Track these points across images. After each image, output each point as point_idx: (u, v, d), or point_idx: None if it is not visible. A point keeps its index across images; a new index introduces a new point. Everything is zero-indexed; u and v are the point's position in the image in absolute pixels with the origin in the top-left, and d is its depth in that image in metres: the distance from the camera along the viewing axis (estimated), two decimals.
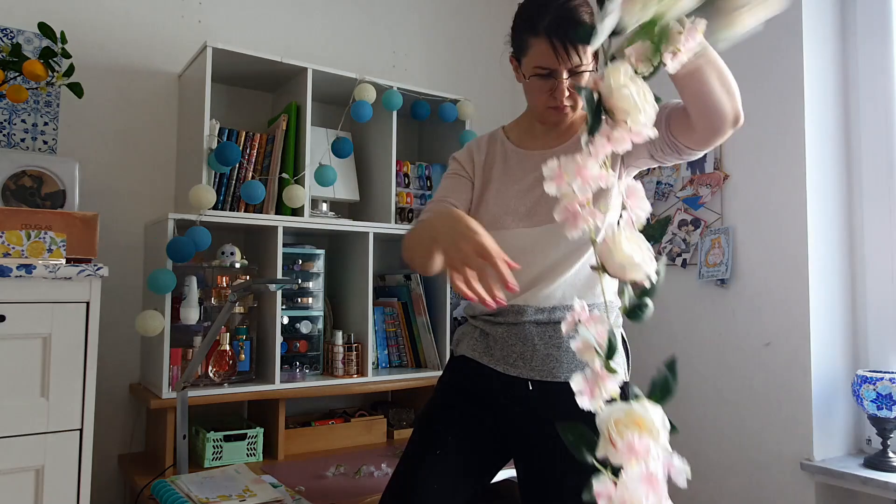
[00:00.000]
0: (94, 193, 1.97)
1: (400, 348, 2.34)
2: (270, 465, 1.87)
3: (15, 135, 1.87)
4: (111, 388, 1.97)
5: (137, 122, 2.08)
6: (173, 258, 1.74)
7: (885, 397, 1.72)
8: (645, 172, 2.32)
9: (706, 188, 2.12)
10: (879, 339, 1.92)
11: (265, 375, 1.97)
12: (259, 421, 2.04)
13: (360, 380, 2.08)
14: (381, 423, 2.20)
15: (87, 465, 1.39)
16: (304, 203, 1.99)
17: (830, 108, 1.97)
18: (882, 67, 1.94)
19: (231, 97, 2.23)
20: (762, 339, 1.96)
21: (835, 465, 1.79)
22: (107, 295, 1.92)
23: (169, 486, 1.52)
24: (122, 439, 1.99)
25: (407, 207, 2.34)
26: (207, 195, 1.77)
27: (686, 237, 2.17)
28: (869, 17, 1.97)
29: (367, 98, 2.10)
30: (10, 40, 1.87)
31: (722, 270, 2.04)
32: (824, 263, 1.90)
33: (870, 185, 1.95)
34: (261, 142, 2.02)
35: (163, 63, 2.12)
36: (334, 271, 2.31)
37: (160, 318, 1.73)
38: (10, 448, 1.32)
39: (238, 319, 2.00)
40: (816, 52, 1.94)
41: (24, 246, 1.36)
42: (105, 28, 2.03)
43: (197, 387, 1.83)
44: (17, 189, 1.63)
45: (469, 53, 2.87)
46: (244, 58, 1.97)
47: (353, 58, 2.52)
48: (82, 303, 1.41)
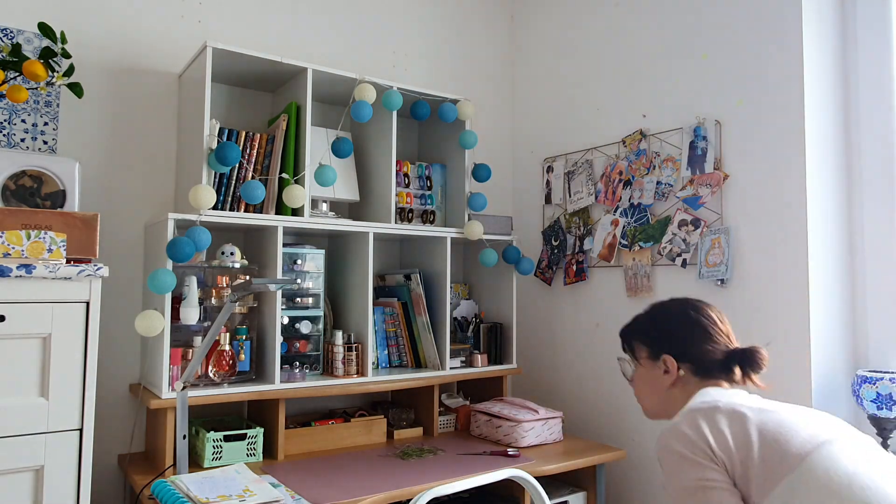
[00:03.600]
0: (94, 193, 1.97)
1: (400, 348, 2.34)
2: (270, 465, 1.87)
3: (15, 135, 1.87)
4: (111, 388, 1.97)
5: (137, 122, 2.08)
6: (173, 258, 1.74)
7: (885, 397, 1.72)
8: (645, 172, 2.32)
9: (706, 188, 2.12)
10: (879, 339, 1.92)
11: (265, 375, 1.97)
12: (259, 421, 2.04)
13: (360, 380, 2.08)
14: (381, 423, 2.20)
15: (87, 465, 1.39)
16: (304, 203, 1.99)
17: (830, 108, 1.97)
18: (882, 67, 1.94)
19: (231, 97, 2.24)
20: (762, 339, 1.96)
21: None
22: (107, 295, 1.93)
23: (169, 486, 1.52)
24: (122, 439, 1.99)
25: (407, 207, 2.34)
26: (207, 195, 1.77)
27: (686, 237, 2.17)
28: (869, 17, 1.97)
29: (367, 98, 2.10)
30: (10, 40, 1.87)
31: (722, 270, 2.04)
32: (824, 263, 1.90)
33: (870, 184, 1.95)
34: (261, 142, 2.02)
35: (163, 63, 2.12)
36: (334, 271, 2.31)
37: (160, 318, 1.73)
38: (10, 448, 1.32)
39: (238, 319, 2.00)
40: (816, 52, 1.94)
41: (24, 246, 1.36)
42: (105, 28, 2.03)
43: (197, 387, 1.83)
44: (17, 189, 1.63)
45: (469, 53, 2.88)
46: (244, 58, 1.97)
47: (353, 58, 2.52)
48: (82, 303, 1.41)
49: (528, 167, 2.87)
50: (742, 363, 1.27)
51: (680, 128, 2.22)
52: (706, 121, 2.14)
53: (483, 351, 2.44)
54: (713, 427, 1.12)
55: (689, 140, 2.18)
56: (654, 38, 2.35)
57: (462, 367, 2.34)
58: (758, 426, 1.10)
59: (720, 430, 1.11)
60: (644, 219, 2.31)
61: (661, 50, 2.32)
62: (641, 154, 2.35)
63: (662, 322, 1.36)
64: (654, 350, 1.34)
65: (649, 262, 2.29)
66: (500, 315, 2.50)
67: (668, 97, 2.28)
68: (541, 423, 2.18)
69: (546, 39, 2.85)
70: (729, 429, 1.11)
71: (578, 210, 2.58)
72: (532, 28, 2.93)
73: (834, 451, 1.06)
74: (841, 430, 1.12)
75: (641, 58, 2.39)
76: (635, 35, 2.42)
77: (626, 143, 2.42)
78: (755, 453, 1.07)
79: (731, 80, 2.08)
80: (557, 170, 2.69)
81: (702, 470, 1.09)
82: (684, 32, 2.24)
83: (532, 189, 2.84)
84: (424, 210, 2.39)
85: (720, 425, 1.12)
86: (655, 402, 1.35)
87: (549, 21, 2.83)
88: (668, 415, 1.33)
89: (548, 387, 2.70)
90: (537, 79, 2.88)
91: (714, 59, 2.13)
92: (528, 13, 2.96)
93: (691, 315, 1.33)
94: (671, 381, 1.31)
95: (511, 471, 1.83)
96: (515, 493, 1.91)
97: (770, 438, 1.08)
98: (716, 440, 1.10)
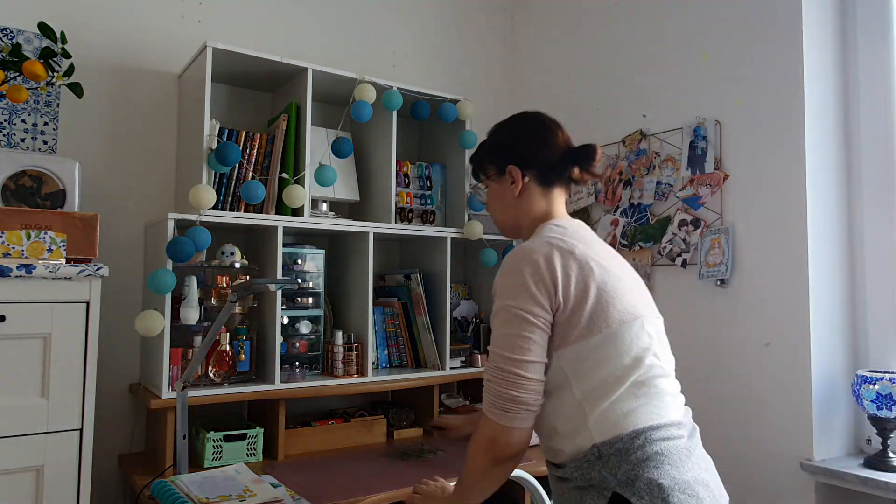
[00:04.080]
0: (94, 193, 1.97)
1: (400, 348, 2.34)
2: (270, 465, 1.87)
3: (15, 135, 1.87)
4: (111, 388, 1.97)
5: (137, 122, 2.08)
6: (173, 258, 1.74)
7: (885, 397, 1.72)
8: (644, 172, 2.32)
9: (706, 188, 2.12)
10: (879, 339, 1.92)
11: (265, 375, 1.97)
12: (259, 421, 2.04)
13: (360, 380, 2.08)
14: (381, 423, 2.20)
15: (87, 465, 1.39)
16: (304, 203, 1.99)
17: (830, 108, 1.97)
18: (882, 67, 1.94)
19: (231, 97, 2.24)
20: (762, 338, 1.96)
21: (835, 465, 1.79)
22: (107, 295, 1.92)
23: (169, 486, 1.52)
24: (122, 439, 2.00)
25: (407, 207, 2.34)
26: (207, 195, 1.77)
27: (686, 237, 2.17)
28: (869, 17, 1.97)
29: (367, 98, 2.10)
30: (10, 40, 1.87)
31: (722, 270, 2.04)
32: (824, 263, 1.90)
33: (870, 184, 1.95)
34: (261, 142, 2.02)
35: (163, 63, 2.12)
36: (334, 271, 2.31)
37: (160, 318, 1.73)
38: (10, 448, 1.32)
39: (238, 319, 2.00)
40: (816, 52, 1.94)
41: (24, 246, 1.36)
42: (105, 28, 2.03)
43: (197, 387, 1.83)
44: (17, 189, 1.63)
45: (469, 53, 2.88)
46: (244, 58, 1.97)
47: (353, 58, 2.52)
48: (82, 303, 1.41)
49: None
50: (577, 160, 1.36)
51: (680, 128, 2.22)
52: (706, 121, 2.14)
53: (483, 351, 2.44)
54: (565, 268, 1.19)
55: (689, 140, 2.18)
56: (654, 38, 2.35)
57: (462, 367, 2.34)
58: (598, 283, 1.19)
59: (568, 274, 1.18)
60: (644, 219, 2.31)
61: (661, 50, 2.32)
62: (641, 154, 2.35)
63: (504, 136, 1.42)
64: (499, 164, 1.39)
65: (649, 262, 2.29)
66: None
67: (668, 97, 2.28)
68: None
69: (546, 39, 2.85)
70: (576, 276, 1.18)
71: (578, 210, 2.58)
72: (532, 28, 2.93)
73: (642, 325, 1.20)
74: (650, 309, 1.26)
75: (641, 58, 2.39)
76: (635, 35, 2.42)
77: (625, 143, 2.42)
78: (587, 307, 1.17)
79: (731, 80, 2.08)
80: None
81: (533, 304, 1.16)
82: (684, 32, 2.24)
83: None
84: (424, 210, 2.39)
85: (569, 270, 1.19)
86: (507, 215, 1.41)
87: (549, 21, 2.83)
88: (518, 228, 1.41)
89: None
90: (537, 79, 2.88)
91: (714, 59, 2.13)
92: (528, 13, 2.96)
93: (530, 124, 1.40)
94: (518, 190, 1.36)
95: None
96: (515, 493, 1.91)
97: (603, 298, 1.18)
98: (562, 282, 1.17)
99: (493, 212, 1.46)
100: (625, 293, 1.21)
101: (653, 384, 1.17)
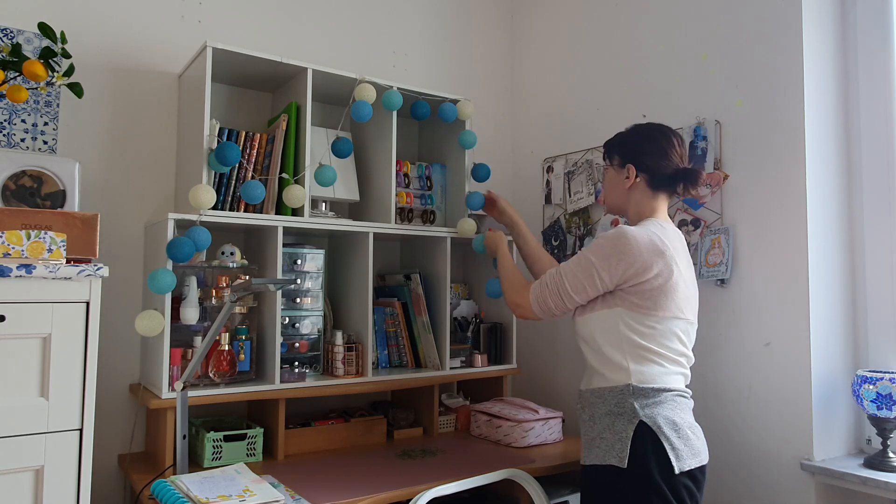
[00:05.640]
0: (94, 193, 1.97)
1: (400, 348, 2.34)
2: (270, 465, 1.87)
3: (15, 135, 1.87)
4: (111, 388, 1.97)
5: (137, 122, 2.08)
6: (173, 258, 1.74)
7: (885, 397, 1.72)
8: None
9: (706, 188, 2.12)
10: (879, 339, 1.92)
11: (265, 375, 1.97)
12: (259, 421, 2.04)
13: (360, 380, 2.08)
14: (381, 423, 2.20)
15: (87, 465, 1.39)
16: (304, 203, 1.99)
17: (830, 108, 1.97)
18: (882, 67, 1.94)
19: (231, 97, 2.24)
20: (762, 339, 1.96)
21: (835, 465, 1.79)
22: (107, 295, 1.92)
23: (169, 486, 1.52)
24: (122, 439, 2.00)
25: (407, 207, 2.34)
26: (207, 195, 1.77)
27: (686, 237, 2.16)
28: (869, 17, 1.97)
29: (367, 98, 2.10)
30: (10, 40, 1.87)
31: (722, 270, 2.04)
32: (824, 263, 1.90)
33: (870, 184, 1.95)
34: (261, 142, 2.02)
35: (163, 63, 2.12)
36: (334, 271, 2.31)
37: (160, 318, 1.73)
38: (10, 448, 1.32)
39: (238, 319, 2.00)
40: (816, 52, 1.94)
41: (24, 246, 1.36)
42: (105, 28, 2.03)
43: (197, 387, 1.83)
44: (17, 189, 1.63)
45: (469, 53, 2.88)
46: (244, 58, 1.97)
47: (353, 58, 2.52)
48: (82, 303, 1.41)
49: (528, 167, 2.87)
50: (685, 181, 1.66)
51: (680, 128, 2.22)
52: (706, 121, 2.14)
53: (483, 351, 2.44)
54: (648, 261, 1.51)
55: (689, 140, 2.18)
56: (654, 38, 2.35)
57: (462, 368, 2.34)
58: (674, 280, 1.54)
59: (648, 267, 1.51)
60: None
61: (661, 50, 2.32)
62: None
63: (636, 137, 1.72)
64: (623, 160, 1.71)
65: None
66: (500, 315, 2.50)
67: (668, 97, 2.28)
68: (541, 423, 2.18)
69: (546, 39, 2.85)
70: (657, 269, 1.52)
71: (578, 210, 2.58)
72: (532, 28, 2.93)
73: (686, 324, 1.59)
74: (693, 315, 1.62)
75: (641, 58, 2.39)
76: (635, 35, 2.42)
77: None
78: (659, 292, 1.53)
79: (731, 80, 2.08)
80: (557, 170, 2.69)
81: (606, 272, 1.54)
82: (684, 32, 2.24)
83: (532, 189, 2.84)
84: (424, 210, 2.39)
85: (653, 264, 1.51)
86: (615, 199, 1.75)
87: (549, 21, 2.83)
88: (622, 211, 1.75)
89: (548, 387, 2.70)
90: (537, 79, 2.88)
91: (714, 59, 2.13)
92: (528, 13, 2.96)
93: (658, 137, 1.68)
94: (629, 186, 1.69)
95: (511, 471, 1.83)
96: (515, 493, 1.91)
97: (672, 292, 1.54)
98: (635, 270, 1.51)
99: (605, 191, 1.80)
100: (687, 297, 1.58)
101: (679, 363, 1.58)
